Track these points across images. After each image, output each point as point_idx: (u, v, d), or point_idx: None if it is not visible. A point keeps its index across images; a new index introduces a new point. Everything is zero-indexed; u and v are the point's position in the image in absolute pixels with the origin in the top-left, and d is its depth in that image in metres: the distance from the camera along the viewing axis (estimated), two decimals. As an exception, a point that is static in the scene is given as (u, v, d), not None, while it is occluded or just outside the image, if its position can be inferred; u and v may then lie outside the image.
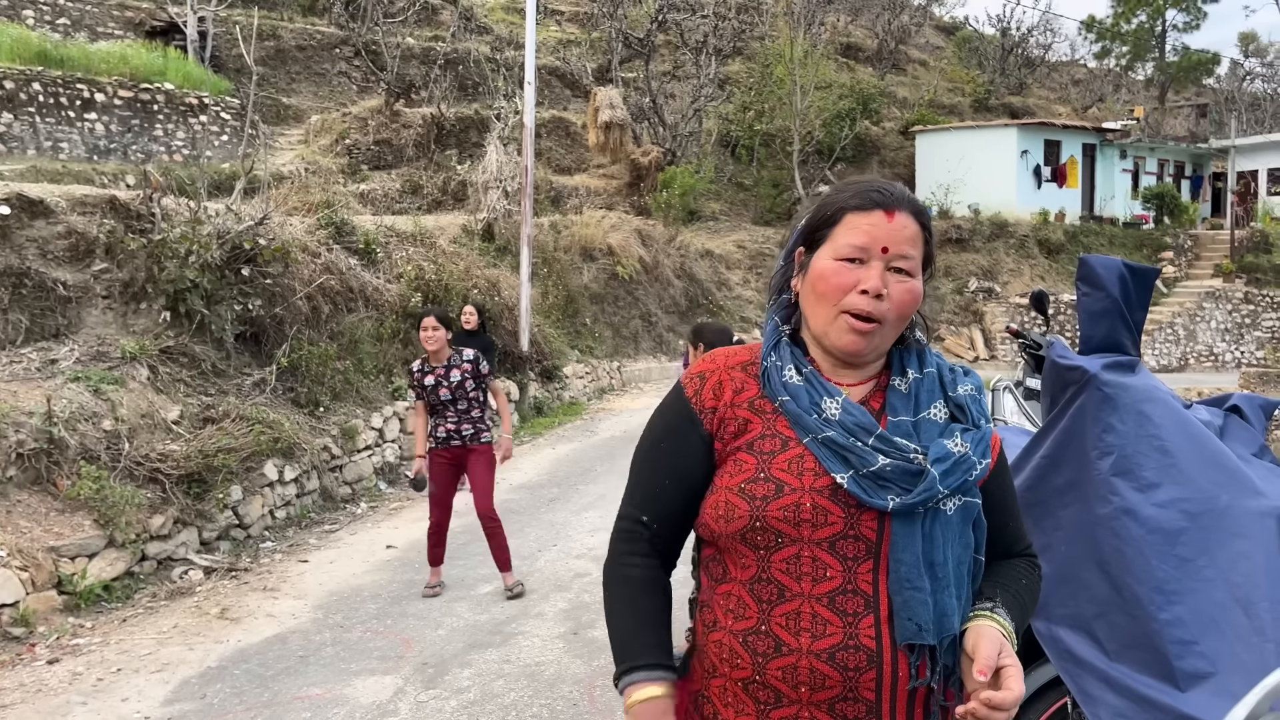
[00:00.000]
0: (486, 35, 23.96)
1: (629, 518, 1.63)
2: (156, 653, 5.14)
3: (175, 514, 6.58)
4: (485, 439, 5.98)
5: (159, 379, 7.34)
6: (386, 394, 9.72)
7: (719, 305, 18.92)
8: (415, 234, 12.17)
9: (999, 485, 1.60)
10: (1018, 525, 1.63)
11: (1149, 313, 2.96)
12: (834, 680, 1.43)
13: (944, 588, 1.46)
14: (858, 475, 1.45)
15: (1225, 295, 24.18)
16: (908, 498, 1.44)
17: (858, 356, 1.53)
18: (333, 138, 18.49)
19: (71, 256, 7.80)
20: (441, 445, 5.94)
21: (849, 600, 1.44)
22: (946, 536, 1.47)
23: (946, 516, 1.47)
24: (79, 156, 14.14)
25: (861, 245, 1.50)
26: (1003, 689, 1.38)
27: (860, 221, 1.51)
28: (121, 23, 18.67)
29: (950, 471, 1.46)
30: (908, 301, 1.51)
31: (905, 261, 1.51)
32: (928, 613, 1.43)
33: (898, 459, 1.46)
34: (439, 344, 5.87)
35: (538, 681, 4.69)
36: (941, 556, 1.46)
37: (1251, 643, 2.36)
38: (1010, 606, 1.51)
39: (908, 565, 1.44)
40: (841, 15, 33.38)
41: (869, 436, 1.47)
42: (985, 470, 1.52)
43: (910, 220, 1.53)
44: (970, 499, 1.50)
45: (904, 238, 1.51)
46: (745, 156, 25.26)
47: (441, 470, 5.97)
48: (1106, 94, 36.79)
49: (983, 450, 1.51)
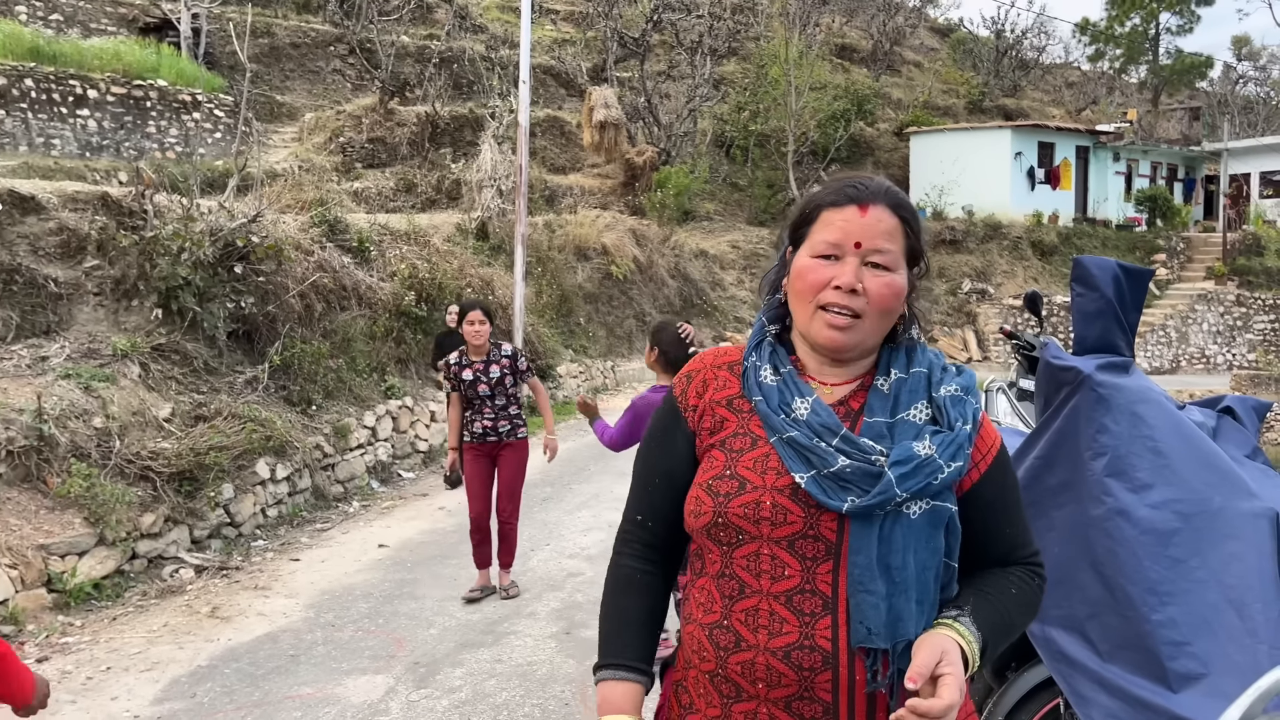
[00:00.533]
0: (481, 34, 23.93)
1: (627, 518, 1.68)
2: (146, 651, 5.11)
3: (166, 512, 6.56)
4: (521, 434, 5.89)
5: (150, 376, 7.31)
6: (379, 392, 9.70)
7: (713, 305, 18.92)
8: (409, 232, 12.14)
9: (995, 488, 1.55)
10: (1017, 531, 1.58)
11: (1141, 315, 2.96)
12: (789, 679, 1.43)
13: (900, 592, 1.43)
14: (818, 476, 1.45)
15: (1217, 298, 24.26)
16: (864, 499, 1.43)
17: (840, 352, 1.52)
18: (327, 135, 18.45)
19: (63, 253, 7.77)
20: (477, 440, 5.86)
21: (806, 600, 1.44)
22: (907, 541, 1.44)
23: (909, 520, 1.44)
24: (71, 153, 14.08)
25: (835, 241, 1.50)
26: (935, 697, 1.35)
27: (834, 218, 1.52)
28: (115, 19, 18.60)
29: (910, 475, 1.43)
30: (886, 295, 1.49)
31: (880, 256, 1.50)
32: (879, 616, 1.42)
33: (859, 460, 1.44)
34: (483, 337, 5.78)
35: (530, 681, 4.68)
36: (900, 560, 1.43)
37: (1244, 644, 2.36)
38: (981, 616, 1.47)
39: (861, 568, 1.43)
40: (836, 16, 33.41)
41: (833, 437, 1.47)
42: (957, 473, 1.47)
43: (886, 214, 1.51)
44: (940, 503, 1.46)
45: (878, 232, 1.50)
46: (740, 157, 25.27)
47: (478, 464, 5.89)
48: (1100, 96, 36.87)
49: (952, 453, 1.46)
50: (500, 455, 5.88)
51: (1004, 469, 1.58)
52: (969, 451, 1.50)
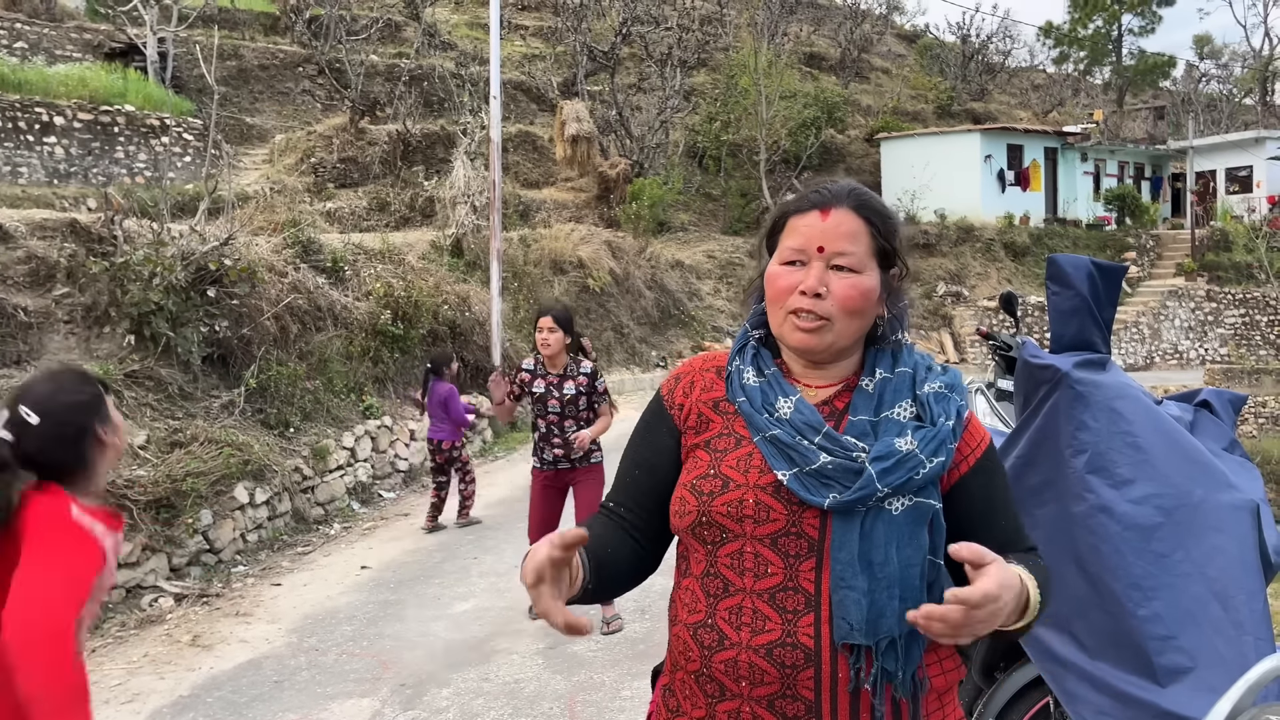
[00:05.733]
0: (451, 51, 23.91)
1: (601, 504, 1.70)
2: (126, 683, 5.03)
3: (143, 540, 6.46)
4: (596, 459, 5.35)
5: (124, 404, 7.22)
6: (357, 413, 9.62)
7: (690, 315, 18.95)
8: (383, 251, 12.09)
9: (983, 483, 1.55)
10: (1011, 524, 1.57)
11: (1116, 311, 2.98)
12: (771, 676, 1.43)
13: (883, 588, 1.42)
14: (800, 473, 1.46)
15: (1188, 293, 24.55)
16: (845, 495, 1.44)
17: (813, 354, 1.54)
18: (298, 156, 18.34)
19: (32, 282, 7.67)
20: (548, 467, 5.33)
21: (789, 597, 1.45)
22: (889, 537, 1.44)
23: (891, 516, 1.44)
24: (39, 180, 13.93)
25: (798, 247, 1.53)
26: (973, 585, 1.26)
27: (798, 224, 1.55)
28: (80, 45, 18.43)
29: (891, 470, 1.44)
30: (852, 297, 1.50)
31: (844, 258, 1.51)
32: (860, 612, 1.42)
33: (841, 457, 1.46)
34: (555, 348, 5.19)
35: (517, 699, 4.64)
36: (882, 556, 1.43)
37: (1230, 636, 2.37)
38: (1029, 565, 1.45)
39: (843, 564, 1.43)
40: (804, 25, 33.64)
41: (815, 435, 1.48)
42: (940, 468, 1.47)
43: (848, 216, 1.52)
44: (922, 499, 1.46)
45: (839, 234, 1.51)
46: (713, 167, 25.36)
47: (546, 496, 5.37)
48: (1066, 98, 37.33)
49: (934, 448, 1.47)
50: (576, 483, 5.35)
51: (992, 464, 1.58)
52: (952, 447, 1.50)
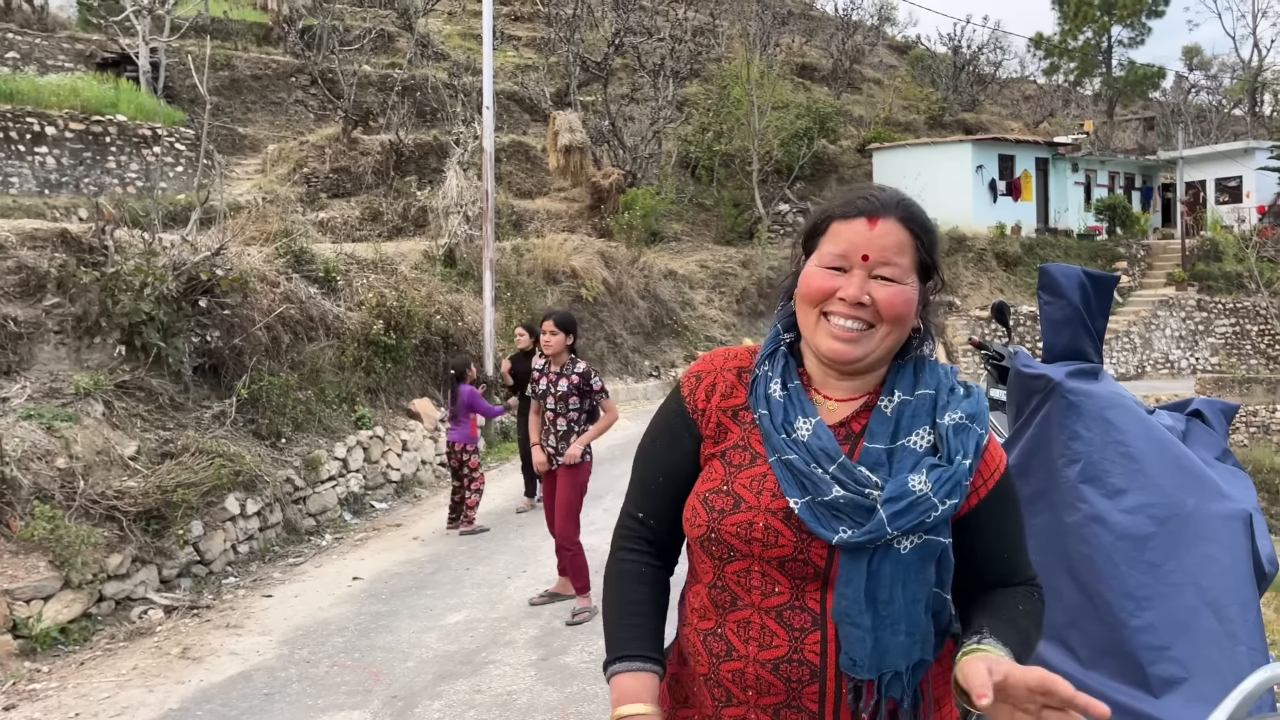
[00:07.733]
0: (444, 61, 23.94)
1: (627, 514, 1.67)
2: (116, 696, 4.99)
3: (134, 552, 6.42)
4: (585, 457, 5.88)
5: (115, 414, 7.19)
6: (349, 423, 9.59)
7: (683, 325, 18.95)
8: (376, 261, 12.06)
9: (996, 514, 1.52)
10: (1015, 557, 1.55)
11: (1108, 320, 2.99)
12: (778, 688, 1.45)
13: (887, 625, 1.42)
14: (812, 503, 1.43)
15: (1179, 303, 24.64)
16: (854, 535, 1.41)
17: (847, 364, 1.49)
18: (290, 166, 18.33)
19: (22, 292, 7.63)
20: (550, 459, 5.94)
21: (796, 616, 1.45)
22: (896, 575, 1.42)
23: (899, 554, 1.42)
24: (30, 190, 13.89)
25: (841, 253, 1.48)
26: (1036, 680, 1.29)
27: (843, 229, 1.49)
28: (72, 55, 18.41)
29: (903, 513, 1.41)
30: (896, 305, 1.46)
31: (888, 269, 1.47)
32: (865, 649, 1.41)
33: (854, 492, 1.42)
34: (556, 348, 5.80)
35: (510, 711, 4.61)
36: (888, 594, 1.42)
37: (1224, 646, 2.36)
38: (1002, 634, 1.42)
39: (849, 600, 1.42)
40: (796, 36, 33.79)
41: (831, 464, 1.45)
42: (952, 509, 1.44)
43: (895, 227, 1.48)
44: (932, 537, 1.44)
45: (886, 245, 1.47)
46: (705, 177, 25.41)
47: (548, 482, 6.04)
48: (1057, 109, 37.48)
49: (948, 490, 1.43)
50: (557, 479, 5.91)
51: (1006, 495, 1.54)
52: (966, 484, 1.47)
